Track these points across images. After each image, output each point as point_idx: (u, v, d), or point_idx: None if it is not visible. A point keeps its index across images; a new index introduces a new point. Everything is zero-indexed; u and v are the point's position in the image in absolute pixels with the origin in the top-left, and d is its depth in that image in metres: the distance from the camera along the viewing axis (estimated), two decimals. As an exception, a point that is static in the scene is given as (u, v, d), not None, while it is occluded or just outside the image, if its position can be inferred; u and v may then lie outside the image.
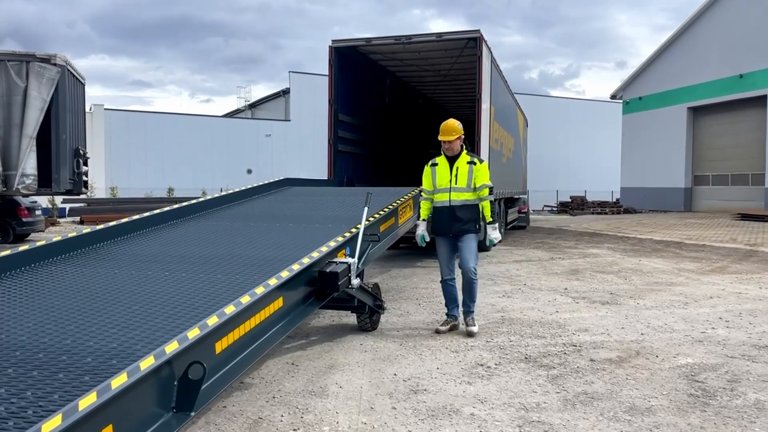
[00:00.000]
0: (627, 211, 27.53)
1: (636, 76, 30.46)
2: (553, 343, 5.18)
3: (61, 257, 4.32)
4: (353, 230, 4.90)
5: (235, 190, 7.14)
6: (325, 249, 4.21)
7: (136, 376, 2.12)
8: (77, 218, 21.79)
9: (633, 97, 30.41)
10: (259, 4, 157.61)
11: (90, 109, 27.19)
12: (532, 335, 5.46)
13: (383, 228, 5.71)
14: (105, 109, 30.92)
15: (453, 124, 5.50)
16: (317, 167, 21.95)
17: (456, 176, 5.44)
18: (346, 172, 11.61)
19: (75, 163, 12.51)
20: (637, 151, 29.78)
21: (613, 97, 32.70)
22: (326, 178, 11.29)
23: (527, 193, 20.01)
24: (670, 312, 6.42)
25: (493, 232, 5.52)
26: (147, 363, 2.22)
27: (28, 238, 14.06)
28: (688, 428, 3.38)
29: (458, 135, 5.46)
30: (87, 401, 1.93)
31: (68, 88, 12.05)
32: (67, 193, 13.13)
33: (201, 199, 6.46)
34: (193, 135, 33.00)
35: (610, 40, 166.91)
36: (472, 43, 10.88)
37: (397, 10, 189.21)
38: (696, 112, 27.00)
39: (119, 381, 2.06)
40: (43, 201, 19.25)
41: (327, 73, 11.32)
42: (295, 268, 3.67)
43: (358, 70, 12.21)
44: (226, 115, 41.02)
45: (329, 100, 11.30)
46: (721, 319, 6.10)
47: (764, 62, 23.19)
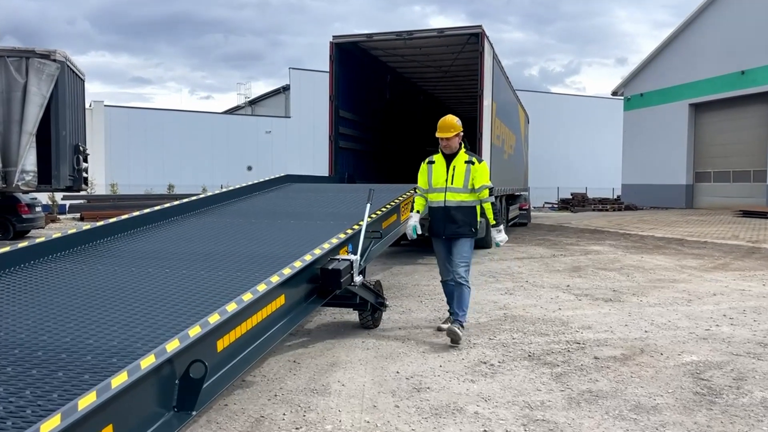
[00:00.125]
0: (628, 208, 27.51)
1: (637, 72, 30.40)
2: (556, 341, 5.14)
3: (61, 254, 4.29)
4: (355, 227, 4.87)
5: (236, 187, 7.11)
6: (327, 246, 4.17)
7: (137, 374, 2.09)
8: (77, 215, 21.76)
9: (634, 94, 30.36)
10: (259, 0, 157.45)
11: (90, 106, 27.15)
12: (535, 333, 5.43)
13: (385, 225, 5.67)
14: (105, 106, 30.86)
15: (451, 120, 5.23)
16: (317, 164, 21.93)
17: (452, 176, 5.17)
18: (347, 169, 11.57)
19: (75, 160, 12.50)
20: (639, 148, 29.73)
21: (615, 94, 32.66)
22: (327, 174, 11.26)
23: (528, 190, 19.97)
24: (674, 309, 6.39)
25: (499, 235, 5.20)
26: (148, 361, 2.19)
27: (28, 235, 14.04)
28: (694, 427, 3.35)
29: (456, 132, 5.17)
30: (86, 401, 1.90)
31: (68, 84, 12.03)
32: (67, 189, 13.13)
33: (201, 196, 6.44)
34: (193, 132, 32.96)
35: (611, 37, 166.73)
36: (473, 39, 10.83)
37: (397, 6, 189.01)
38: (697, 109, 26.94)
39: (119, 380, 2.03)
40: (43, 198, 19.22)
41: (327, 70, 11.27)
42: (297, 265, 3.64)
43: (359, 66, 12.17)
44: (226, 112, 40.95)
45: (330, 97, 11.25)
46: (725, 316, 6.06)
47: (766, 58, 23.12)
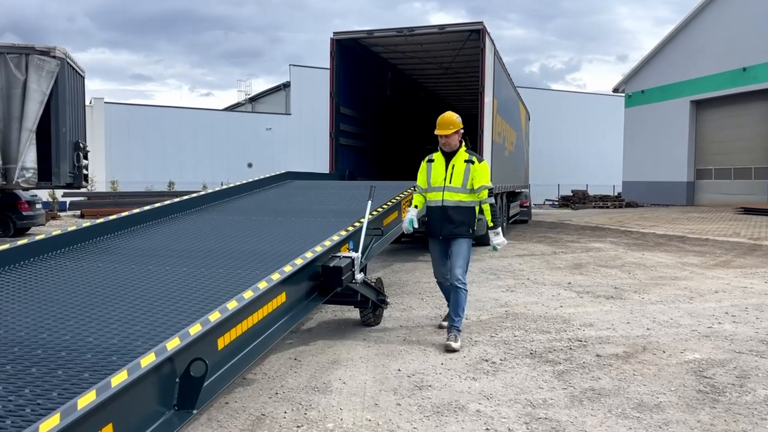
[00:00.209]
0: (629, 205, 27.49)
1: (638, 69, 30.34)
2: (558, 338, 5.13)
3: (61, 251, 4.28)
4: (356, 224, 4.84)
5: (236, 184, 7.09)
6: (328, 243, 4.16)
7: (137, 373, 2.08)
8: (78, 212, 21.77)
9: (635, 91, 30.30)
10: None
11: (90, 103, 27.13)
12: (537, 330, 5.41)
13: (386, 222, 5.66)
14: (105, 103, 30.83)
15: (450, 117, 5.06)
16: (318, 161, 21.88)
17: (451, 175, 4.99)
18: (348, 166, 11.54)
19: (75, 157, 12.46)
20: (640, 145, 29.69)
21: (616, 91, 32.60)
22: (328, 172, 11.24)
23: (529, 187, 19.94)
24: (676, 307, 6.37)
25: (496, 238, 4.99)
26: (148, 360, 2.17)
27: (28, 232, 14.02)
28: (698, 425, 3.33)
29: (456, 129, 5.00)
30: (86, 400, 1.88)
31: (68, 80, 11.99)
32: (68, 186, 13.10)
33: (202, 193, 6.41)
34: (193, 129, 32.94)
35: (612, 34, 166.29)
36: (474, 36, 10.79)
37: (397, 3, 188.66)
38: (699, 106, 26.89)
39: (119, 379, 2.02)
40: (44, 195, 19.22)
41: (328, 67, 11.24)
42: (299, 262, 3.62)
43: (359, 63, 12.13)
44: (227, 109, 40.93)
45: (330, 93, 11.22)
46: (727, 313, 6.04)
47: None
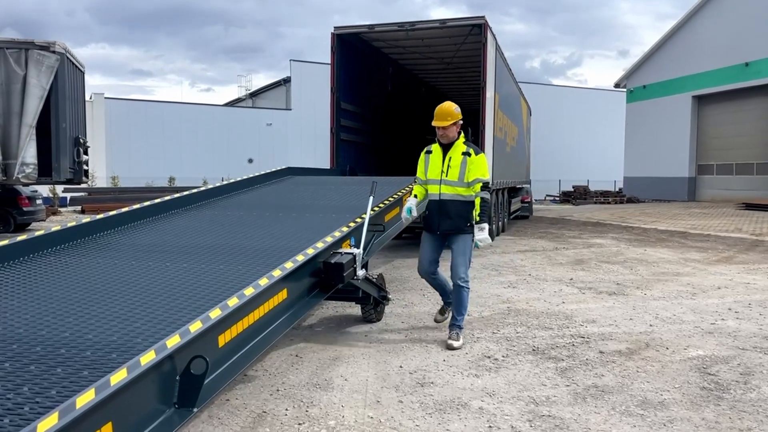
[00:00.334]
0: (630, 201, 27.43)
1: (640, 64, 30.25)
2: (560, 335, 5.10)
3: (61, 247, 4.25)
4: (358, 220, 4.81)
5: (237, 180, 7.05)
6: (329, 239, 4.12)
7: (137, 371, 2.05)
8: (78, 207, 21.74)
9: (637, 86, 30.21)
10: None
11: (90, 98, 27.05)
12: (539, 326, 5.38)
13: (388, 218, 5.61)
14: (105, 98, 30.73)
15: (449, 107, 4.87)
16: (319, 156, 21.81)
17: (448, 167, 4.84)
18: (349, 162, 11.50)
19: (75, 152, 12.44)
20: (641, 141, 29.62)
21: (617, 86, 32.51)
22: (329, 167, 11.20)
23: (530, 183, 19.90)
24: (678, 303, 6.34)
25: (480, 234, 4.74)
26: (147, 358, 2.14)
27: (28, 228, 14.00)
28: (702, 423, 3.31)
29: (454, 120, 4.82)
30: (85, 398, 1.85)
31: (68, 76, 11.95)
32: (68, 182, 13.06)
33: (202, 189, 6.37)
34: (194, 124, 32.85)
35: (613, 29, 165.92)
36: (476, 30, 10.73)
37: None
38: (700, 101, 26.81)
39: (119, 377, 1.99)
40: (44, 190, 19.18)
41: (329, 62, 11.17)
42: (300, 259, 3.58)
43: (360, 58, 12.07)
44: (227, 104, 40.82)
45: (331, 88, 11.16)
46: (730, 310, 6.01)
47: (770, 50, 23.00)
